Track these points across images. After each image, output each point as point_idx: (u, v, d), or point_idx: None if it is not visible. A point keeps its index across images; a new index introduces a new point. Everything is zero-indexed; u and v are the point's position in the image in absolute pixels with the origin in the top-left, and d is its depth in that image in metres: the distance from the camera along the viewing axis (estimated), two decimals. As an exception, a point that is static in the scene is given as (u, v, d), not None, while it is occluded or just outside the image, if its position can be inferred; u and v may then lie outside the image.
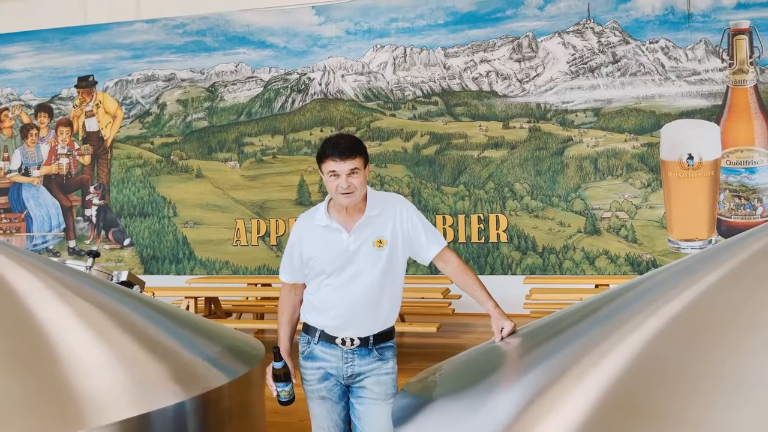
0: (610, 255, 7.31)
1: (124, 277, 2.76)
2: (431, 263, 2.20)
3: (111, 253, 8.60)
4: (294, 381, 2.20)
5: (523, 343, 1.61)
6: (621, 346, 1.39)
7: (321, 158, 2.14)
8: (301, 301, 2.30)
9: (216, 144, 8.46)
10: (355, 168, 2.08)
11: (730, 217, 7.09)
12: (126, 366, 1.76)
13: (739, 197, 7.07)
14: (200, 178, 8.45)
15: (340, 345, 2.17)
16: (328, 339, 2.18)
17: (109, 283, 2.32)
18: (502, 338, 1.82)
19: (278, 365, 2.15)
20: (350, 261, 2.13)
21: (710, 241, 7.12)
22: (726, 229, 7.09)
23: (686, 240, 7.17)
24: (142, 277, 3.06)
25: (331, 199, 2.21)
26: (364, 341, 2.17)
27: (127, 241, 8.62)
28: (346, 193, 2.08)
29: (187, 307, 5.45)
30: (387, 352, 2.21)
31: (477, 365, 1.62)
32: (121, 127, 8.75)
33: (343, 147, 2.07)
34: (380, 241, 2.14)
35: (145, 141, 8.66)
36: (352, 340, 2.16)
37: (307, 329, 2.26)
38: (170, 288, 5.87)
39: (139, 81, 8.74)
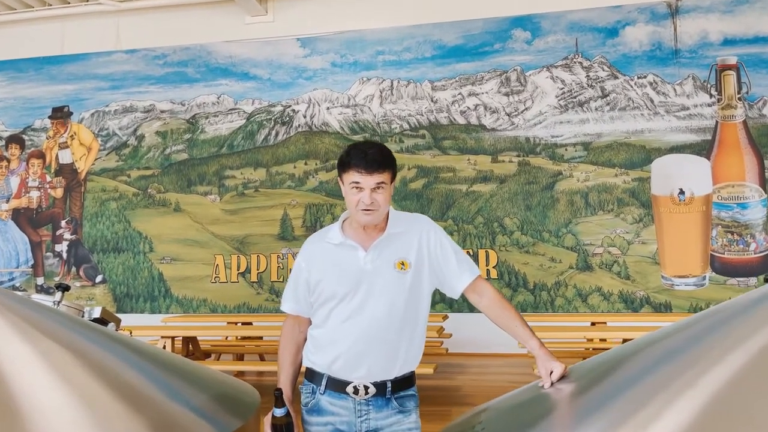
0: (602, 292, 7.11)
1: (97, 313, 2.44)
2: (462, 296, 1.90)
3: (82, 290, 8.16)
4: None
5: (581, 390, 1.35)
6: (701, 387, 1.15)
7: (344, 166, 1.85)
8: (305, 340, 1.99)
9: (196, 177, 8.17)
10: (382, 182, 1.80)
11: (724, 253, 6.97)
12: (96, 419, 1.46)
13: (732, 233, 6.96)
14: (178, 212, 8.12)
15: (352, 394, 1.85)
16: (338, 387, 1.86)
17: (79, 320, 2.01)
18: (552, 383, 1.54)
19: (280, 412, 1.82)
20: (365, 282, 1.83)
21: (704, 278, 6.98)
22: (720, 266, 6.96)
23: (680, 276, 7.01)
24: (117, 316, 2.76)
25: (346, 219, 1.93)
26: (380, 389, 1.84)
27: (99, 278, 8.20)
28: (368, 210, 1.80)
29: (163, 347, 5.07)
30: (408, 402, 1.89)
31: (530, 416, 1.35)
32: (96, 159, 8.43)
33: (372, 158, 1.79)
34: (402, 263, 1.85)
35: (121, 173, 8.34)
36: (366, 388, 1.84)
37: (312, 376, 1.93)
38: (145, 327, 5.49)
39: (117, 112, 8.47)
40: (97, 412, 1.47)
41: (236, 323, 6.54)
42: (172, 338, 5.13)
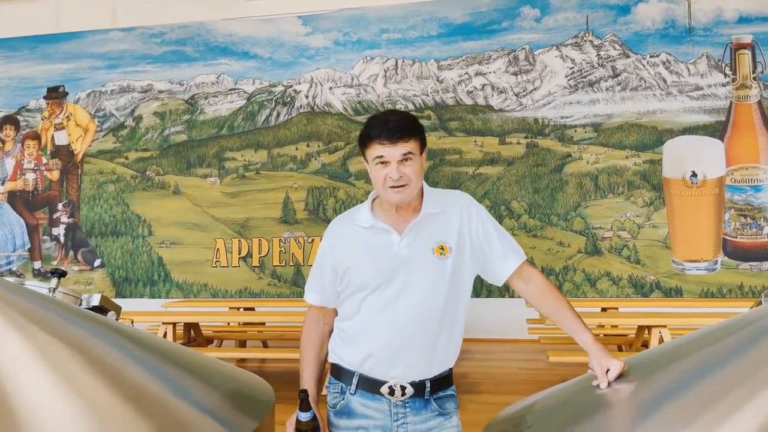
0: (612, 276, 6.97)
1: (96, 301, 2.27)
2: (506, 283, 1.69)
3: (80, 274, 8.00)
4: None
5: (647, 394, 1.19)
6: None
7: (365, 141, 1.62)
8: (330, 333, 1.79)
9: (195, 159, 7.97)
10: (409, 153, 1.58)
11: (736, 237, 6.81)
12: (98, 423, 1.29)
13: (745, 216, 6.81)
14: (178, 195, 7.93)
15: (388, 395, 1.64)
16: (371, 387, 1.64)
17: (78, 309, 1.85)
18: (609, 383, 1.33)
19: (305, 417, 1.60)
20: (401, 271, 1.62)
21: (716, 262, 6.83)
22: (732, 250, 6.81)
23: (691, 261, 6.87)
24: (115, 301, 2.58)
25: (375, 198, 1.72)
26: (418, 389, 1.64)
27: (97, 262, 8.03)
28: (398, 186, 1.59)
29: (165, 334, 4.92)
30: (448, 403, 1.69)
31: (589, 424, 1.19)
32: (93, 140, 8.22)
33: (394, 125, 1.58)
34: (442, 248, 1.64)
35: (119, 155, 8.14)
36: (403, 388, 1.63)
37: (339, 373, 1.72)
38: (145, 313, 5.33)
39: (114, 92, 8.24)
40: (98, 414, 1.31)
41: (238, 308, 6.38)
42: (174, 324, 4.97)
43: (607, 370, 1.36)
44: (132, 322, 2.32)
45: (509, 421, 1.39)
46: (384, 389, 1.63)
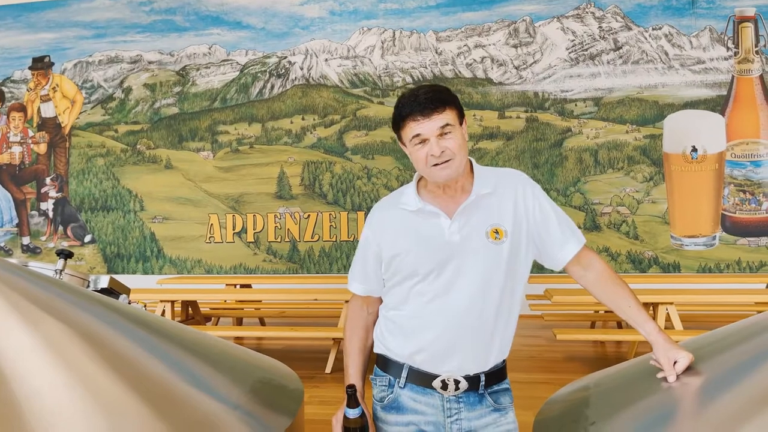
0: (610, 252, 6.95)
1: (104, 283, 2.16)
2: (564, 269, 1.58)
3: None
4: None
5: (722, 389, 1.11)
6: None
7: (398, 122, 1.50)
8: (375, 322, 1.68)
9: (187, 132, 7.78)
10: (447, 125, 1.45)
11: (735, 213, 6.80)
12: (115, 425, 1.20)
13: (744, 192, 6.79)
14: (170, 169, 7.76)
15: (440, 390, 1.52)
16: (422, 380, 1.53)
17: (88, 293, 1.73)
18: (677, 376, 1.25)
19: (354, 413, 1.50)
20: (453, 258, 1.49)
21: (714, 238, 6.82)
22: (731, 225, 6.80)
23: (689, 236, 6.85)
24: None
25: (420, 178, 1.60)
26: (473, 383, 1.53)
27: (88, 238, 7.87)
28: (442, 164, 1.46)
29: (163, 312, 4.82)
30: (503, 397, 1.59)
31: (659, 422, 1.11)
32: (80, 112, 7.99)
33: (425, 98, 1.45)
34: (497, 231, 1.51)
35: (108, 128, 7.92)
36: (456, 382, 1.52)
37: (386, 365, 1.60)
38: (142, 290, 5.21)
39: (101, 63, 7.99)
40: (115, 415, 1.22)
41: (235, 285, 6.28)
42: (172, 302, 4.87)
43: (674, 363, 1.28)
44: (145, 306, 2.21)
45: (568, 415, 1.31)
46: (436, 383, 1.53)
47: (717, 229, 6.82)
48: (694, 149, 6.78)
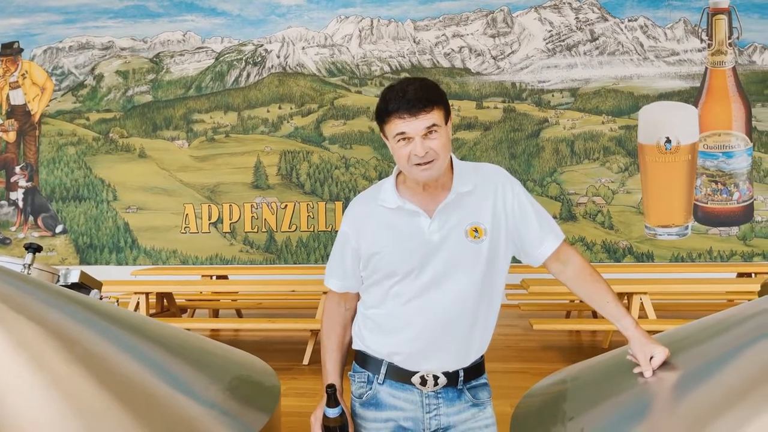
0: (586, 242, 7.02)
1: (75, 277, 2.11)
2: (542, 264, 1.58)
3: (41, 241, 7.68)
4: None
5: (698, 384, 1.12)
6: None
7: (383, 117, 1.45)
8: (352, 318, 1.66)
9: (161, 121, 7.65)
10: (434, 125, 1.42)
11: (707, 203, 6.92)
12: (91, 429, 1.17)
13: (716, 182, 6.90)
14: (143, 158, 7.63)
15: (419, 386, 1.52)
16: (401, 377, 1.53)
17: (58, 290, 1.69)
18: (653, 371, 1.27)
19: (334, 413, 1.48)
20: (433, 258, 1.49)
21: (686, 228, 6.94)
22: (702, 215, 6.92)
23: (663, 226, 6.96)
24: (80, 269, 2.38)
25: (400, 173, 1.57)
26: (451, 379, 1.53)
27: (59, 228, 7.71)
28: (425, 164, 1.44)
29: (137, 305, 4.75)
30: (482, 392, 1.59)
31: (636, 418, 1.11)
32: (51, 100, 7.80)
33: (414, 95, 1.40)
34: (476, 229, 1.50)
35: (79, 116, 7.75)
36: (435, 378, 1.51)
37: (365, 361, 1.59)
38: (116, 282, 5.12)
39: (72, 49, 7.80)
40: (88, 417, 1.18)
41: (211, 277, 6.22)
42: (147, 294, 4.80)
43: (651, 358, 1.29)
44: (117, 301, 2.15)
45: (546, 410, 1.32)
46: (415, 379, 1.52)
47: (689, 219, 6.93)
48: (668, 140, 6.86)
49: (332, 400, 1.48)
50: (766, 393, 1.07)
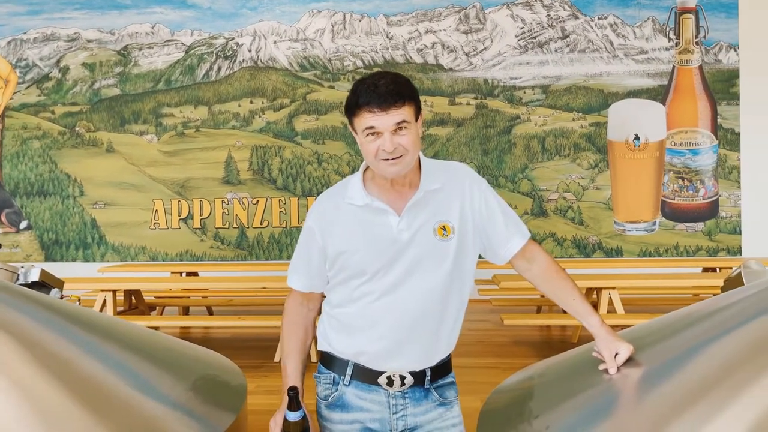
0: (556, 237, 7.10)
1: (35, 276, 2.04)
2: (509, 263, 1.58)
3: (5, 237, 7.48)
4: None
5: (660, 380, 1.13)
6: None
7: (353, 109, 1.43)
8: (315, 319, 1.62)
9: (130, 115, 7.50)
10: (404, 121, 1.40)
11: (674, 199, 7.05)
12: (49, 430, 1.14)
13: (683, 179, 7.03)
14: (111, 152, 7.48)
15: (386, 386, 1.50)
16: (367, 377, 1.51)
17: (17, 289, 1.64)
18: (618, 368, 1.28)
19: (295, 416, 1.42)
20: (402, 256, 1.47)
21: (654, 223, 7.06)
22: (670, 211, 7.04)
23: (631, 222, 7.07)
24: (45, 266, 2.30)
25: (367, 169, 1.55)
26: (418, 378, 1.51)
27: (23, 224, 7.52)
28: (392, 159, 1.41)
29: (104, 302, 4.65)
30: (449, 391, 1.58)
31: (602, 415, 1.12)
32: (15, 93, 7.59)
33: (385, 90, 1.38)
34: (444, 228, 1.49)
35: (44, 109, 7.56)
36: (402, 378, 1.50)
37: (331, 362, 1.56)
38: (81, 279, 5.02)
39: (37, 40, 7.60)
40: (50, 420, 1.15)
41: (180, 273, 6.13)
42: (114, 292, 4.70)
43: (615, 354, 1.30)
44: (79, 301, 2.08)
45: (512, 407, 1.32)
46: (382, 380, 1.50)
47: (657, 215, 7.05)
48: (637, 137, 6.97)
49: (294, 404, 1.44)
50: (726, 390, 1.08)
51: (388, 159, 1.42)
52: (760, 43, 6.84)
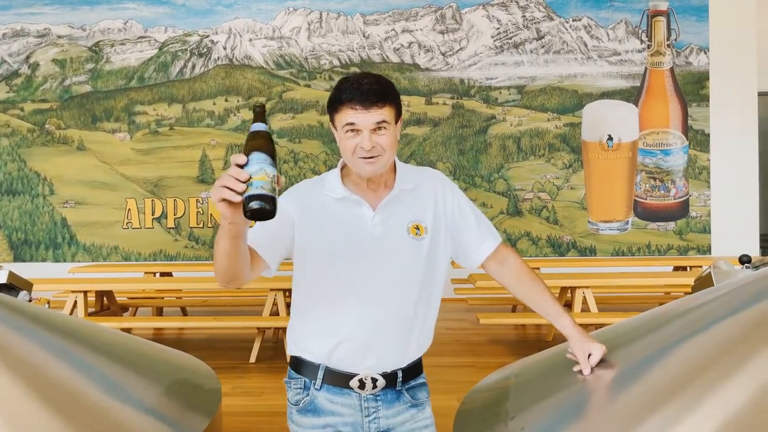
0: (531, 237, 7.17)
1: (2, 278, 2.00)
2: (480, 266, 1.60)
3: (-29, 237, 7.31)
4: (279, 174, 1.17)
5: (632, 379, 1.15)
6: None
7: (335, 105, 1.44)
8: (246, 275, 1.43)
9: (101, 112, 7.38)
10: (383, 121, 1.41)
11: (646, 199, 7.16)
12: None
13: (654, 179, 7.15)
14: (82, 150, 7.34)
15: (358, 389, 1.51)
16: (338, 381, 1.50)
17: (-17, 293, 1.60)
18: (592, 369, 1.29)
19: (260, 126, 1.18)
20: (374, 252, 1.48)
21: (627, 223, 7.17)
22: (642, 211, 7.16)
23: (605, 221, 7.17)
24: (13, 267, 2.26)
25: (344, 167, 1.55)
26: (390, 380, 1.52)
27: (-9, 224, 7.35)
28: (369, 158, 1.42)
29: (74, 304, 4.57)
30: (420, 393, 1.58)
31: (575, 415, 1.13)
32: (-19, 89, 7.41)
33: (368, 89, 1.40)
34: (417, 227, 1.51)
35: (13, 107, 7.39)
36: (374, 380, 1.50)
37: (301, 367, 1.55)
38: (51, 280, 4.91)
39: (6, 36, 7.43)
40: (18, 428, 1.12)
41: (154, 273, 6.05)
42: (85, 293, 4.62)
43: (589, 355, 1.32)
44: (48, 304, 2.04)
45: (488, 408, 1.33)
46: (353, 383, 1.50)
47: (630, 215, 7.16)
48: (610, 138, 7.07)
49: (260, 115, 1.20)
50: (696, 389, 1.10)
51: (365, 157, 1.43)
52: (729, 46, 6.99)
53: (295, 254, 1.53)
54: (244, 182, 1.11)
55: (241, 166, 1.12)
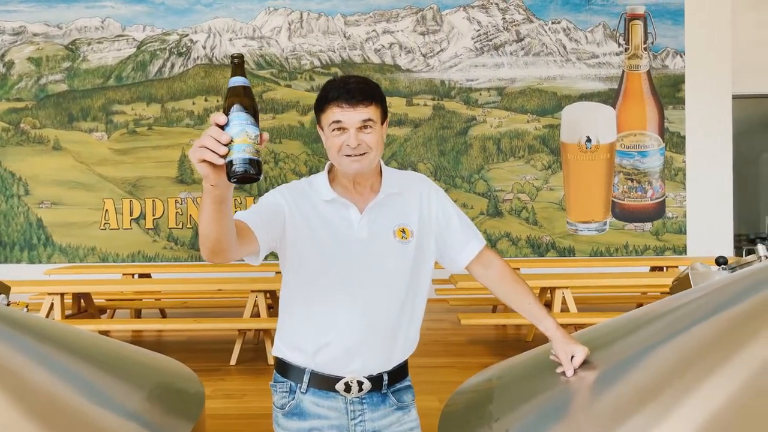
0: (511, 237, 7.22)
1: (-22, 283, 1.96)
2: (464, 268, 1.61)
3: (-57, 238, 7.16)
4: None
5: (615, 381, 1.17)
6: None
7: (321, 104, 1.45)
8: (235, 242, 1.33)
9: (78, 112, 7.27)
10: (369, 120, 1.43)
11: (624, 200, 7.26)
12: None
13: (632, 180, 7.25)
14: (58, 150, 7.23)
15: (344, 392, 1.51)
16: (324, 384, 1.51)
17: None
18: (575, 370, 1.31)
19: (239, 81, 1.13)
20: (361, 255, 1.49)
21: (605, 223, 7.26)
22: (619, 211, 7.25)
23: (583, 222, 7.25)
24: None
25: (331, 170, 1.56)
26: (376, 383, 1.53)
27: (-36, 225, 7.20)
28: (355, 156, 1.43)
29: (51, 306, 4.50)
30: (406, 395, 1.59)
31: (559, 417, 1.15)
32: (-46, 87, 7.26)
33: (355, 88, 1.42)
34: (404, 231, 1.52)
35: (-14, 105, 7.25)
36: (360, 383, 1.51)
37: (287, 371, 1.55)
38: (27, 282, 4.83)
39: (-22, 33, 7.29)
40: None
41: (132, 275, 5.98)
42: (62, 295, 4.55)
43: (572, 357, 1.34)
44: (27, 308, 2.00)
45: (472, 410, 1.34)
46: (339, 386, 1.51)
47: (608, 216, 7.25)
48: (588, 139, 7.15)
49: (239, 68, 1.16)
50: (676, 390, 1.12)
51: (351, 155, 1.44)
52: (704, 49, 7.11)
53: (285, 252, 1.53)
54: (225, 145, 1.06)
55: (222, 127, 1.08)
